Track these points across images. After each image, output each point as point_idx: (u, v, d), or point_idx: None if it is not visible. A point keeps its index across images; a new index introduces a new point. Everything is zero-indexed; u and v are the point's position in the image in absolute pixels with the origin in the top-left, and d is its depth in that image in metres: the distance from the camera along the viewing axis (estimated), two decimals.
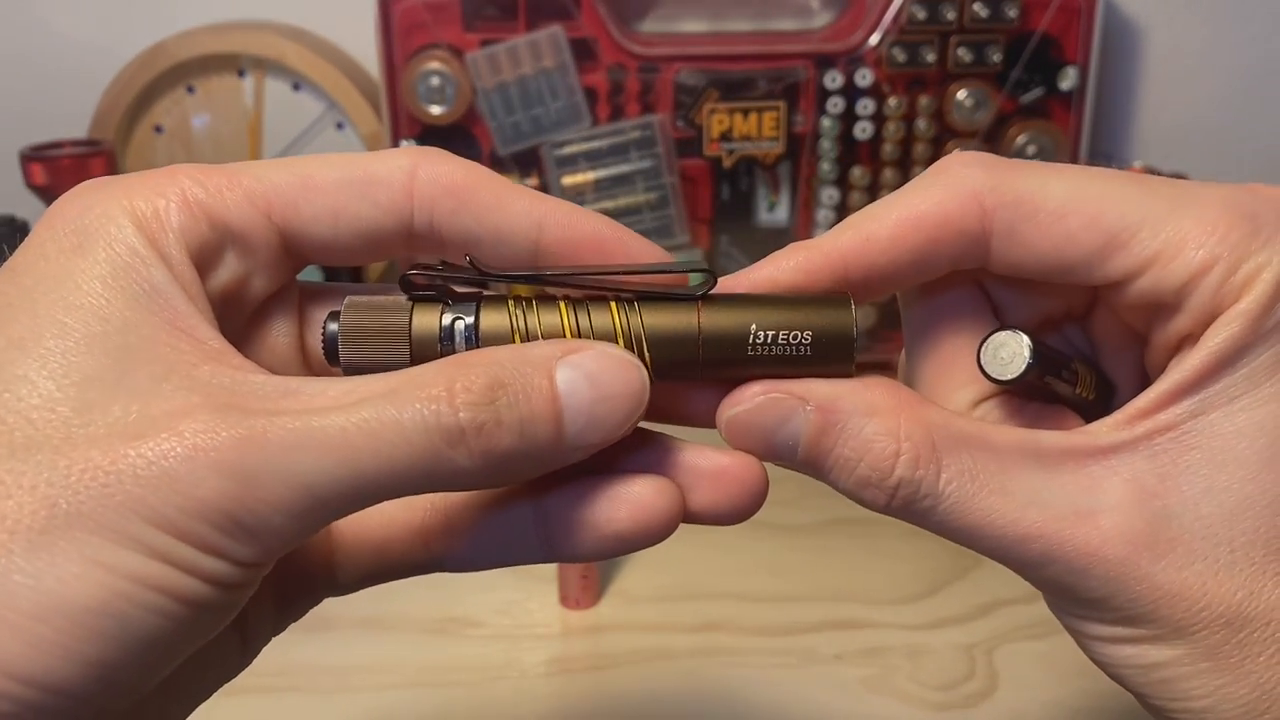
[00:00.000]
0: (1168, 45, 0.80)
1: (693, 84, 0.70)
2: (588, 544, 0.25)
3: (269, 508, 0.20)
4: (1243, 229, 0.22)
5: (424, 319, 0.24)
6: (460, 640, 0.49)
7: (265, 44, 0.74)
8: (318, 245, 0.25)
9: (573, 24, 0.69)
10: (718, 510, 0.25)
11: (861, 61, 0.70)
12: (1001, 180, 0.24)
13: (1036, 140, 0.71)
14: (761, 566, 0.54)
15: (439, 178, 0.25)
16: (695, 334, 0.24)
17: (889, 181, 0.72)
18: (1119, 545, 0.22)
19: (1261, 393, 0.22)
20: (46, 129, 0.77)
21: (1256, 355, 0.22)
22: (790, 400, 0.24)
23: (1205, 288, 0.23)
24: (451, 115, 0.70)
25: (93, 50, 0.79)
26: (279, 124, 0.77)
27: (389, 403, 0.21)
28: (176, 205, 0.23)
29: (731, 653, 0.48)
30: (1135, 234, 0.23)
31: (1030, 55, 0.70)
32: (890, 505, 0.23)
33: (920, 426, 0.23)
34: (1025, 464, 0.23)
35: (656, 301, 0.24)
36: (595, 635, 0.49)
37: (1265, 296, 0.22)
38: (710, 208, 0.74)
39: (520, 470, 0.23)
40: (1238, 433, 0.22)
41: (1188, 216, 0.23)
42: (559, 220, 0.25)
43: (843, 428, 0.23)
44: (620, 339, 0.24)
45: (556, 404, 0.22)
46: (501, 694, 0.46)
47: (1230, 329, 0.22)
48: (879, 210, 0.25)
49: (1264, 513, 0.22)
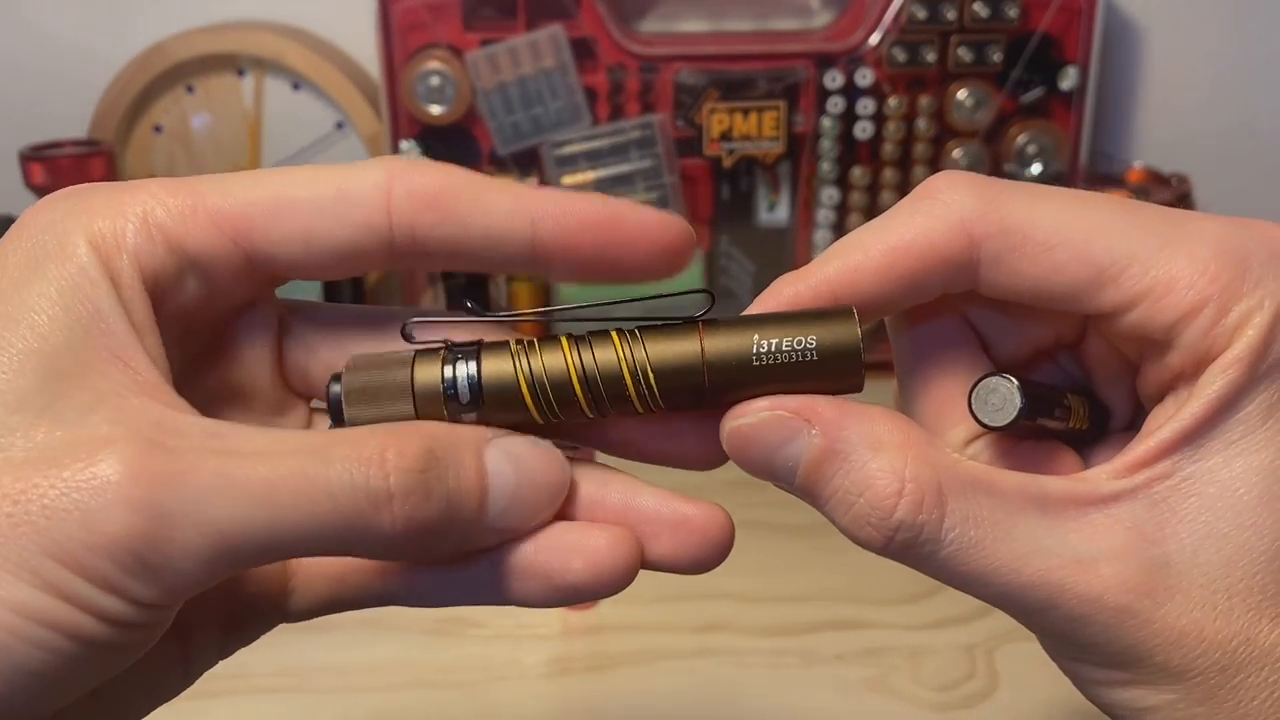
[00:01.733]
0: (1168, 45, 0.80)
1: (693, 84, 0.70)
2: (541, 593, 0.24)
3: (178, 550, 0.20)
4: (1234, 270, 0.22)
5: (425, 371, 0.24)
6: (460, 640, 0.49)
7: (265, 44, 0.74)
8: (289, 265, 0.24)
9: (572, 23, 0.69)
10: (678, 562, 0.25)
11: (862, 61, 0.70)
12: (989, 207, 0.23)
13: (1037, 140, 0.71)
14: (762, 567, 0.54)
15: (416, 190, 0.23)
16: (699, 358, 0.23)
17: (889, 181, 0.72)
18: (1119, 593, 0.22)
19: (1257, 438, 0.22)
20: (46, 129, 0.77)
21: (1251, 400, 0.22)
22: (795, 420, 0.23)
23: (1195, 329, 0.22)
24: (451, 115, 0.70)
25: (92, 50, 0.79)
26: (279, 124, 0.77)
27: (319, 458, 0.21)
28: (135, 227, 0.22)
29: (732, 653, 0.48)
30: (1125, 269, 0.23)
31: (1031, 55, 0.70)
32: (888, 547, 0.23)
33: (927, 468, 0.22)
34: (1028, 511, 0.23)
35: (658, 329, 0.24)
36: (595, 635, 0.49)
37: (1258, 341, 0.22)
38: (710, 207, 0.74)
39: (436, 545, 0.22)
40: (1235, 479, 0.22)
41: (1179, 254, 0.22)
42: (553, 212, 0.23)
43: (846, 457, 0.23)
44: (625, 371, 0.24)
45: (483, 482, 0.22)
46: (501, 694, 0.46)
47: (1226, 376, 0.22)
48: (866, 238, 0.24)
49: (1260, 558, 0.22)
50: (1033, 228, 0.23)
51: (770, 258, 0.75)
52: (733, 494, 0.64)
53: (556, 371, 0.24)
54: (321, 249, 0.23)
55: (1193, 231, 0.23)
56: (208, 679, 0.45)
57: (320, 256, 0.23)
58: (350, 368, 0.24)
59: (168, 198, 0.23)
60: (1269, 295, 0.22)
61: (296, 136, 0.78)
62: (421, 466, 0.21)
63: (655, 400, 0.24)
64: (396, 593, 0.26)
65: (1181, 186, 0.75)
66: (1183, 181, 0.76)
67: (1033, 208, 0.23)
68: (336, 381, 0.24)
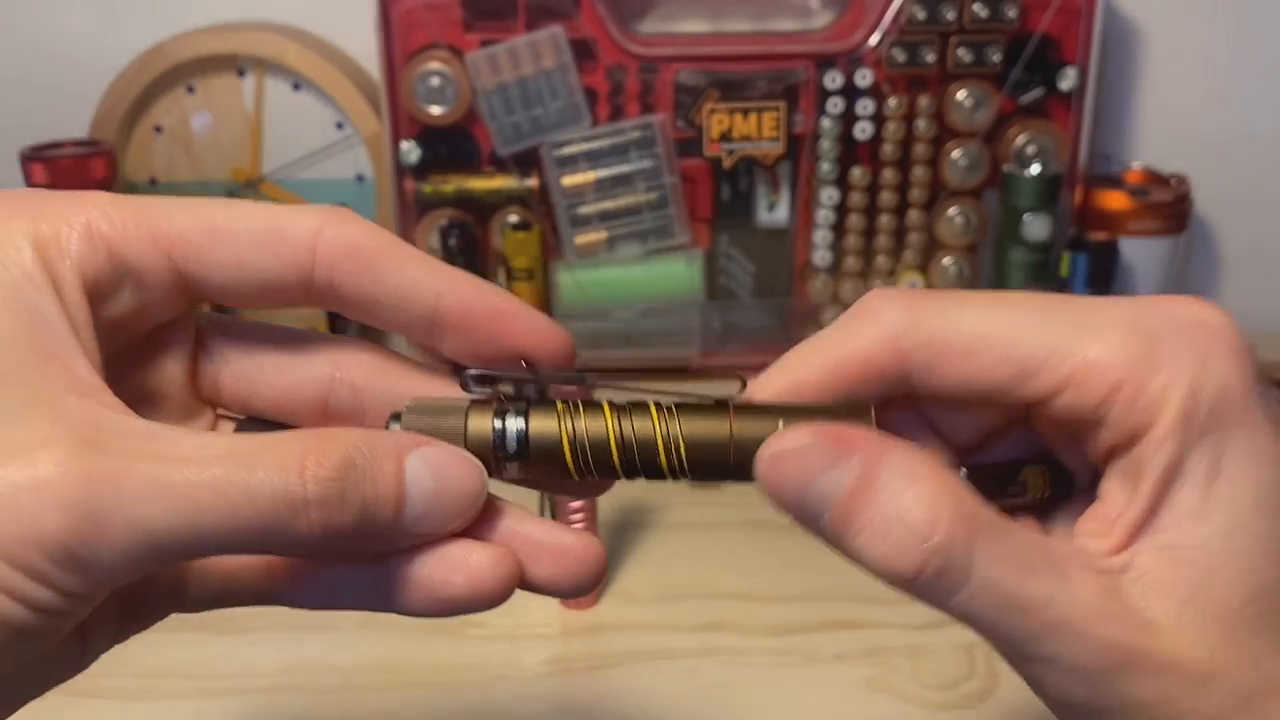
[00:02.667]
0: (1167, 46, 0.81)
1: (693, 84, 0.70)
2: (423, 604, 0.25)
3: (107, 547, 0.21)
4: (1145, 348, 0.24)
5: (478, 422, 0.25)
6: (460, 640, 0.49)
7: (265, 44, 0.74)
8: (217, 289, 0.25)
9: (572, 24, 0.69)
10: (556, 585, 0.26)
11: (861, 62, 0.70)
12: (917, 320, 0.26)
13: (1036, 140, 0.71)
14: (762, 566, 0.54)
15: (343, 239, 0.25)
16: (728, 438, 0.25)
17: (888, 181, 0.72)
18: (1115, 653, 0.23)
19: (1210, 504, 0.24)
20: (47, 129, 0.77)
21: (1193, 468, 0.24)
22: (837, 448, 0.24)
23: (1119, 408, 0.24)
24: (451, 115, 0.70)
25: (93, 51, 0.79)
26: (279, 124, 0.77)
27: (241, 464, 0.22)
28: (79, 234, 0.23)
29: (732, 652, 0.48)
30: (1044, 363, 0.25)
31: (1030, 56, 0.70)
32: (919, 576, 0.23)
33: (962, 503, 0.24)
34: (1040, 560, 0.24)
35: (692, 407, 0.26)
36: (595, 635, 0.49)
37: (1179, 413, 0.24)
38: (710, 208, 0.74)
39: (354, 546, 0.24)
40: (1201, 544, 0.24)
41: (1093, 342, 0.24)
42: (457, 293, 0.26)
43: (885, 486, 0.24)
44: (660, 441, 0.26)
45: (401, 489, 0.23)
46: (501, 694, 0.46)
47: (1163, 451, 0.24)
48: (807, 354, 0.27)
49: (1234, 616, 0.24)
50: (956, 335, 0.25)
51: (770, 258, 0.75)
52: (732, 494, 0.65)
53: (597, 435, 0.25)
54: (249, 278, 0.25)
55: (1105, 319, 0.25)
56: (209, 678, 0.46)
57: (247, 285, 0.25)
58: (409, 409, 0.26)
59: (112, 210, 0.24)
60: (1181, 368, 0.24)
61: (297, 137, 0.78)
62: (339, 475, 0.22)
63: (683, 470, 0.26)
64: (284, 593, 0.27)
65: (1180, 187, 0.76)
66: (1181, 182, 0.76)
67: (957, 317, 0.26)
68: (396, 420, 0.26)
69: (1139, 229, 0.74)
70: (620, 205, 0.72)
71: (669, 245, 0.73)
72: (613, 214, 0.72)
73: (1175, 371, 0.24)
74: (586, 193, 0.72)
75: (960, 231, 0.73)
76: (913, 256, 0.74)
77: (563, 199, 0.72)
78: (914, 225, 0.73)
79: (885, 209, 0.73)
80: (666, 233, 0.73)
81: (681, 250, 0.74)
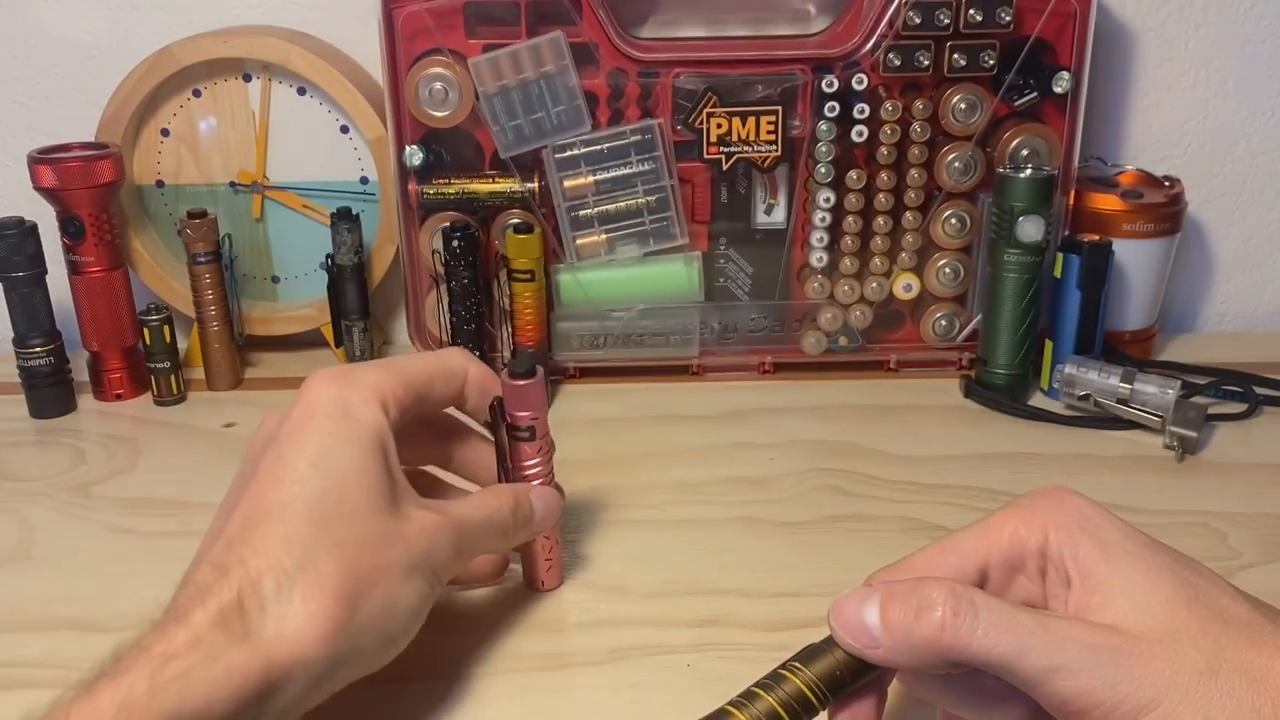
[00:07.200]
0: (1160, 49, 0.81)
1: (691, 88, 0.71)
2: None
3: (456, 561, 0.45)
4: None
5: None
6: (459, 636, 0.49)
7: (270, 49, 0.75)
8: (431, 406, 0.47)
9: (573, 29, 0.70)
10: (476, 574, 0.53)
11: (857, 66, 0.71)
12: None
13: (1030, 143, 0.72)
14: (760, 563, 0.55)
15: (477, 375, 0.49)
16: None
17: (884, 184, 0.73)
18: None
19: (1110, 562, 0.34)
20: (54, 132, 0.78)
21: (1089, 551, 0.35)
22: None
23: None
24: (454, 119, 0.71)
25: (100, 54, 0.80)
26: (284, 127, 0.78)
27: (485, 508, 0.47)
28: (384, 396, 0.43)
29: (730, 648, 0.49)
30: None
31: (1024, 59, 0.71)
32: (943, 629, 0.33)
33: (970, 592, 0.34)
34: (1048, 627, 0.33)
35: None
36: (594, 630, 0.50)
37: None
38: (709, 210, 0.75)
39: (519, 539, 0.50)
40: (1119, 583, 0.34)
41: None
42: (474, 372, 0.49)
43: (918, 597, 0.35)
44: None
45: (533, 513, 0.49)
46: (497, 688, 0.46)
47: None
48: None
49: (1166, 604, 0.33)
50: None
51: (767, 259, 0.76)
52: (732, 492, 0.65)
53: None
54: (438, 398, 0.48)
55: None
56: None
57: (437, 402, 0.48)
58: None
59: (387, 375, 0.44)
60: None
61: (302, 140, 0.78)
62: (518, 511, 0.48)
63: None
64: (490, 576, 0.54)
65: (1173, 189, 0.77)
66: (1174, 184, 0.77)
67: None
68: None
69: (1132, 231, 0.75)
70: (620, 207, 0.73)
71: (668, 247, 0.74)
72: (613, 216, 0.73)
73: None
74: (587, 195, 0.73)
75: (955, 233, 0.74)
76: (908, 258, 0.75)
77: (564, 201, 0.73)
78: (909, 227, 0.74)
79: (881, 211, 0.74)
80: (666, 235, 0.74)
81: (680, 252, 0.75)
